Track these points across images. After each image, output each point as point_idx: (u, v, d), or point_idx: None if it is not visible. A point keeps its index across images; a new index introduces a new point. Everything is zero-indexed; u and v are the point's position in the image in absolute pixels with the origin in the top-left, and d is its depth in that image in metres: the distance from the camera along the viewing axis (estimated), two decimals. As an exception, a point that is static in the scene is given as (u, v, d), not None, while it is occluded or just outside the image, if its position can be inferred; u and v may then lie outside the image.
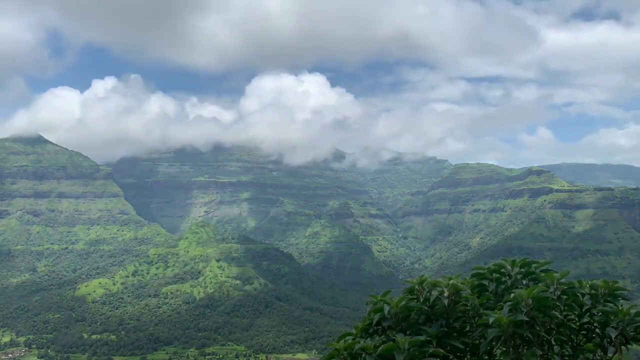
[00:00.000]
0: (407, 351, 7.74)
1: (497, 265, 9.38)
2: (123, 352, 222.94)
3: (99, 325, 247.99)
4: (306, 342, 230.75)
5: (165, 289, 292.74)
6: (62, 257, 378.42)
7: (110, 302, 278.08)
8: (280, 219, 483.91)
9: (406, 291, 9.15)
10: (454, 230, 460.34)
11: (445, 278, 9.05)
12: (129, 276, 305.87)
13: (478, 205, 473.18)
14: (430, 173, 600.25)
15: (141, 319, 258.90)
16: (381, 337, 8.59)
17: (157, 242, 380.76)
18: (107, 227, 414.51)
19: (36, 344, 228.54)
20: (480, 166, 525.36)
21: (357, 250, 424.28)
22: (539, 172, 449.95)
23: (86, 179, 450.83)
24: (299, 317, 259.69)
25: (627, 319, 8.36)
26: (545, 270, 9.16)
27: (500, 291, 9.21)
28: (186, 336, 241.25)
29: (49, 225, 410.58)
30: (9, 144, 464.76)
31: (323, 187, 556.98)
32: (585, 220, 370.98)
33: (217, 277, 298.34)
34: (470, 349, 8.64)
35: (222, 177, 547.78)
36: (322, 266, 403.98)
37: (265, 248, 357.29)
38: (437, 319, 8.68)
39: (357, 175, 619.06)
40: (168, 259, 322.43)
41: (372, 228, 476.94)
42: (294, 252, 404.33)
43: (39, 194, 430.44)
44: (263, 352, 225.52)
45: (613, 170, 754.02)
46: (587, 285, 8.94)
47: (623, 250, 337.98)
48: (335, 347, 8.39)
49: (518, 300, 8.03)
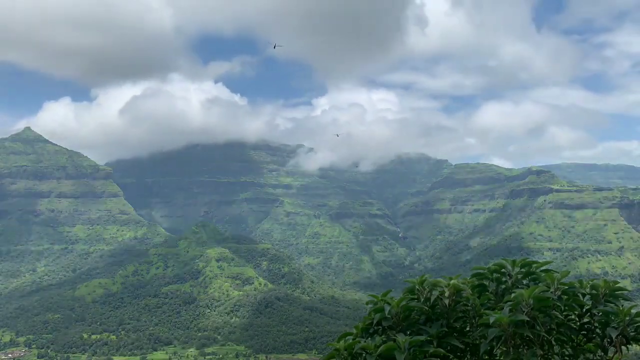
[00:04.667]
0: (407, 351, 7.75)
1: (497, 265, 9.39)
2: (123, 352, 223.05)
3: (99, 325, 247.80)
4: (306, 342, 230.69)
5: (165, 289, 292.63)
6: (62, 257, 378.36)
7: (110, 302, 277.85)
8: (280, 219, 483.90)
9: (406, 291, 9.17)
10: (454, 230, 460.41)
11: (446, 278, 9.06)
12: (129, 276, 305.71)
13: (478, 205, 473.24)
14: (430, 173, 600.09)
15: (141, 319, 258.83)
16: (381, 337, 8.60)
17: (157, 242, 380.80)
18: (107, 227, 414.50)
19: (36, 344, 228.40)
20: (480, 166, 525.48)
21: (357, 250, 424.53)
22: (539, 172, 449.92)
23: (86, 179, 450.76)
24: (299, 317, 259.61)
25: (628, 319, 8.36)
26: (546, 270, 9.16)
27: (501, 291, 9.21)
28: (186, 336, 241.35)
29: (49, 225, 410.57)
30: (8, 144, 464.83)
31: (323, 187, 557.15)
32: (585, 220, 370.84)
33: (217, 277, 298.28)
34: (471, 349, 8.64)
35: (222, 177, 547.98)
36: (322, 266, 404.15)
37: (265, 248, 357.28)
38: (437, 319, 8.69)
39: (357, 175, 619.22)
40: (168, 259, 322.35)
41: (372, 228, 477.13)
42: (294, 252, 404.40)
43: (39, 194, 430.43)
44: (263, 352, 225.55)
45: (613, 170, 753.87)
46: (587, 286, 8.94)
47: (623, 250, 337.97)
48: (335, 347, 8.40)
49: (518, 300, 8.03)
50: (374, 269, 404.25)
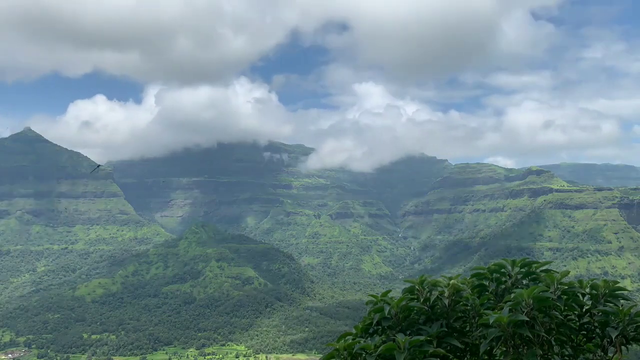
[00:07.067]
0: (407, 351, 7.75)
1: (497, 265, 9.38)
2: (123, 352, 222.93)
3: (99, 325, 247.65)
4: (306, 342, 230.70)
5: (165, 289, 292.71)
6: (61, 257, 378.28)
7: (110, 302, 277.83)
8: (280, 219, 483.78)
9: (406, 291, 9.17)
10: (454, 230, 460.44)
11: (445, 278, 9.06)
12: (129, 276, 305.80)
13: (478, 205, 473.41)
14: (430, 173, 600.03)
15: (141, 319, 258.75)
16: (381, 337, 8.60)
17: (157, 242, 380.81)
18: (107, 227, 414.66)
19: (36, 344, 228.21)
20: (480, 166, 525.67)
21: (357, 250, 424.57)
22: (539, 172, 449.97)
23: (86, 179, 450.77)
24: (299, 317, 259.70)
25: (627, 319, 8.35)
26: (546, 270, 9.16)
27: (501, 291, 9.21)
28: (186, 336, 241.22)
29: (49, 225, 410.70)
30: (8, 144, 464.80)
31: (323, 187, 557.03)
32: (585, 220, 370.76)
33: (217, 277, 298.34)
34: (471, 349, 8.64)
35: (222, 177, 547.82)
36: (322, 266, 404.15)
37: (265, 248, 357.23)
38: (437, 319, 8.69)
39: (357, 175, 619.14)
40: (168, 259, 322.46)
41: (372, 228, 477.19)
42: (294, 252, 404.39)
43: (39, 194, 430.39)
44: (263, 352, 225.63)
45: (613, 170, 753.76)
46: (587, 286, 8.93)
47: (623, 250, 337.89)
48: (335, 347, 8.39)
49: (518, 300, 8.02)
50: (373, 269, 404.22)
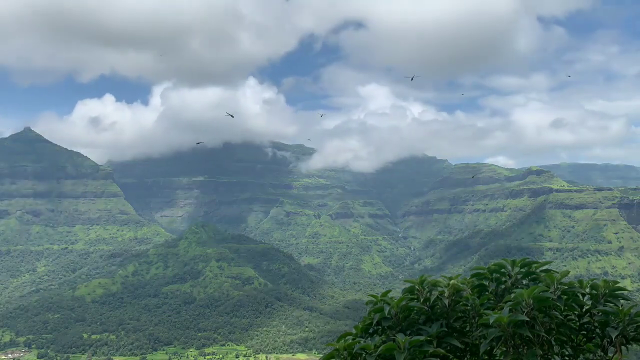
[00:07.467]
0: (407, 351, 7.74)
1: (497, 265, 9.38)
2: (123, 352, 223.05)
3: (99, 325, 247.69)
4: (306, 342, 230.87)
5: (165, 289, 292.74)
6: (61, 257, 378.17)
7: (110, 302, 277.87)
8: (281, 219, 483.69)
9: (406, 291, 9.17)
10: (454, 230, 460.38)
11: (445, 278, 9.06)
12: (129, 276, 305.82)
13: (478, 205, 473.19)
14: (430, 173, 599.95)
15: (141, 319, 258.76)
16: (381, 337, 8.60)
17: (157, 242, 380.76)
18: (107, 227, 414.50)
19: (36, 344, 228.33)
20: (479, 166, 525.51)
21: (357, 250, 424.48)
22: (539, 172, 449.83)
23: (86, 179, 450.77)
24: (299, 317, 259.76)
25: (627, 319, 8.35)
26: (546, 270, 9.16)
27: (501, 291, 9.21)
28: (186, 336, 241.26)
29: (49, 225, 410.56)
30: (8, 144, 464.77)
31: (323, 187, 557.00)
32: (585, 220, 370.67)
33: (217, 277, 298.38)
34: (471, 349, 8.64)
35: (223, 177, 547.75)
36: (322, 266, 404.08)
37: (265, 248, 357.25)
38: (437, 319, 8.69)
39: (357, 175, 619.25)
40: (168, 259, 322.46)
41: (372, 228, 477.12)
42: (294, 252, 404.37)
43: (39, 194, 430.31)
44: (263, 352, 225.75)
45: (613, 170, 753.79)
46: (587, 286, 8.94)
47: (623, 250, 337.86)
48: (335, 347, 8.39)
49: (518, 300, 8.02)
50: (373, 269, 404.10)
